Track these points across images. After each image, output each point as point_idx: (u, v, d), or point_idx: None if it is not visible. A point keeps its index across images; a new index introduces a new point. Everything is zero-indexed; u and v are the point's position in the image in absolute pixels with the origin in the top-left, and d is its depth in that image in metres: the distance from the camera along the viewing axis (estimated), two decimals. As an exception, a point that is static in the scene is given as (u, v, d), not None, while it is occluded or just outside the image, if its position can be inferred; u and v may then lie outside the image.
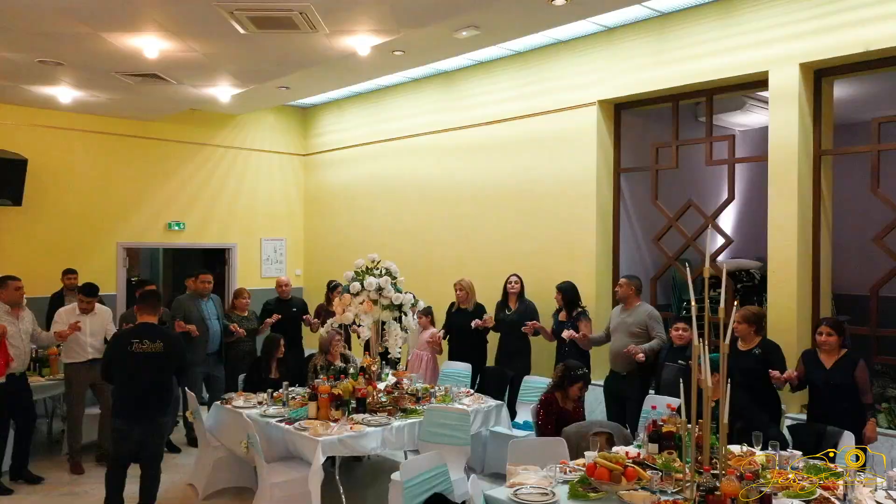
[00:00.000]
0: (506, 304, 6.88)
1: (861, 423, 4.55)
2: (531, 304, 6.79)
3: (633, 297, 5.97)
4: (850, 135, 7.22)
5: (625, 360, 5.76)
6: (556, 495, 3.51)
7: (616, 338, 5.94)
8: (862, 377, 4.62)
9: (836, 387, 4.64)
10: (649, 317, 5.85)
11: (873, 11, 5.23)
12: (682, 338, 5.45)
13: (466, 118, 8.25)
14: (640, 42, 6.62)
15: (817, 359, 4.79)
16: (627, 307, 5.99)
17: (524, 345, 6.75)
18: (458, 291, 7.02)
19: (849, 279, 8.02)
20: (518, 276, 6.87)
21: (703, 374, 3.51)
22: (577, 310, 6.37)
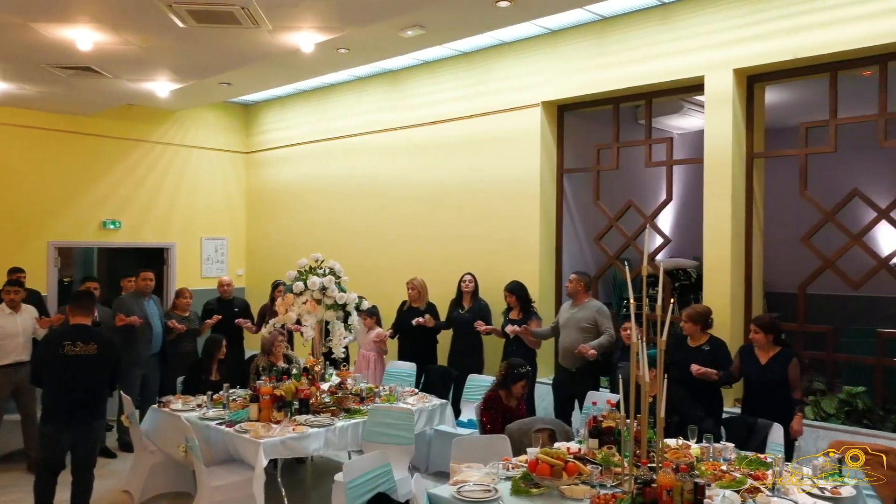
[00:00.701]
0: (459, 303, 6.92)
1: (790, 417, 4.72)
2: (484, 303, 6.85)
3: (582, 292, 6.08)
4: (781, 138, 7.51)
5: (575, 356, 5.87)
6: (498, 492, 3.54)
7: (565, 333, 6.03)
8: (794, 374, 4.80)
9: (769, 382, 4.81)
10: (599, 313, 5.96)
11: (801, 21, 5.46)
12: (629, 337, 5.55)
13: (412, 117, 8.24)
14: (583, 45, 6.74)
15: (753, 355, 4.96)
16: (577, 303, 6.09)
17: (477, 343, 6.81)
18: (411, 290, 7.02)
19: (779, 277, 8.35)
20: (472, 276, 6.93)
21: (640, 370, 3.60)
22: (529, 308, 6.44)
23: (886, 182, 7.25)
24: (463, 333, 6.78)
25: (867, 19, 5.16)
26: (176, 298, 7.15)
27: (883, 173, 7.75)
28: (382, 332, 7.00)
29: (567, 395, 6.03)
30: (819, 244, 5.80)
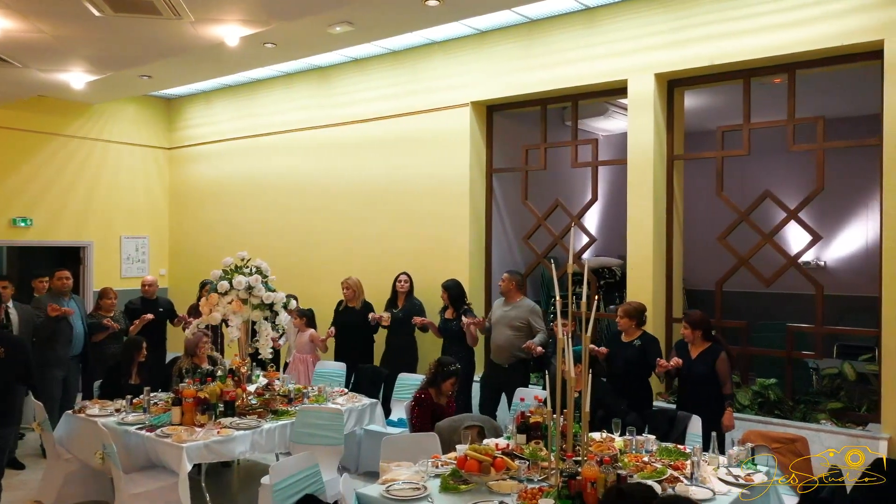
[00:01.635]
0: (394, 303, 6.90)
1: (721, 411, 4.87)
2: (418, 302, 6.86)
3: (514, 291, 6.16)
4: (699, 141, 7.82)
5: (507, 352, 5.96)
6: (427, 489, 3.55)
7: (497, 331, 6.10)
8: (722, 368, 4.94)
9: (698, 376, 4.97)
10: (531, 312, 6.06)
11: (718, 29, 5.69)
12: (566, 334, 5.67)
13: (342, 115, 8.16)
14: (511, 46, 6.83)
15: (686, 350, 5.12)
16: (509, 301, 6.17)
17: (411, 342, 6.81)
18: (346, 290, 6.96)
19: (698, 275, 8.69)
20: (408, 275, 6.92)
21: (566, 366, 3.68)
22: (463, 307, 6.47)
23: (795, 184, 7.63)
24: (397, 333, 6.77)
25: (777, 30, 5.43)
26: (100, 299, 6.82)
27: (792, 176, 8.17)
28: (317, 334, 6.89)
29: (496, 392, 6.10)
30: (734, 243, 6.07)
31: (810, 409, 5.50)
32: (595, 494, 3.10)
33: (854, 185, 8.33)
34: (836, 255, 9.21)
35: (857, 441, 4.93)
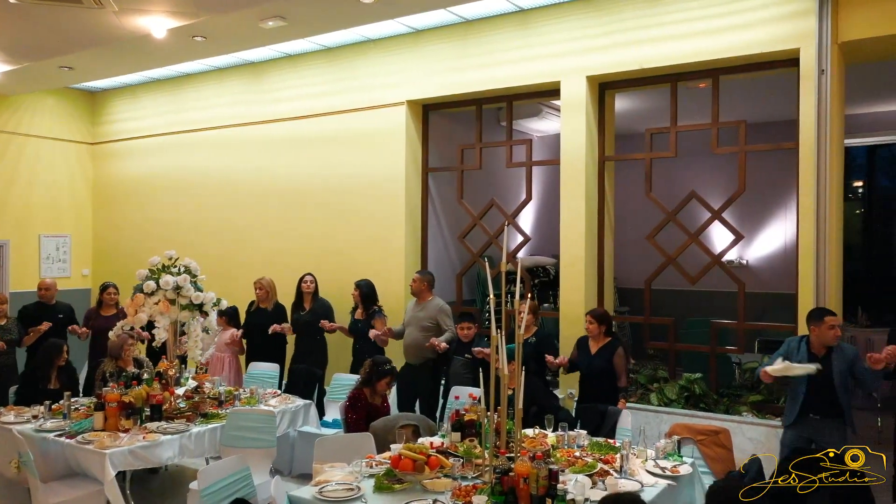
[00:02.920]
0: (300, 304, 6.84)
1: (615, 401, 5.10)
2: (325, 303, 6.80)
3: (425, 291, 6.22)
4: (629, 143, 8.02)
5: (417, 351, 6.00)
6: (361, 490, 3.53)
7: (410, 331, 6.17)
8: (619, 362, 5.18)
9: (597, 370, 5.17)
10: (440, 311, 6.13)
11: (647, 34, 5.85)
12: (467, 336, 5.78)
13: (274, 112, 8.01)
14: (447, 46, 6.85)
15: (586, 345, 5.30)
16: (420, 301, 6.22)
17: (320, 344, 6.77)
18: (258, 290, 6.85)
19: (628, 273, 8.93)
20: (312, 276, 6.85)
21: (500, 363, 3.71)
22: (372, 308, 6.47)
23: (719, 185, 7.92)
24: (305, 334, 6.71)
25: (702, 36, 5.62)
26: None
27: (716, 177, 8.47)
28: (236, 333, 6.75)
29: (410, 390, 6.14)
30: (662, 242, 6.25)
31: (733, 402, 5.72)
32: (527, 490, 3.14)
33: (774, 186, 8.72)
34: (757, 254, 9.61)
35: (776, 432, 5.14)
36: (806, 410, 4.43)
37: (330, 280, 7.01)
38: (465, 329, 5.81)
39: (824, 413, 4.39)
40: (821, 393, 4.38)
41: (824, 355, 4.40)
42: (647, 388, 6.04)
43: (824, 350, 4.41)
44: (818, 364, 4.28)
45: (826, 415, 4.39)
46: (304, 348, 6.71)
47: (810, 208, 5.26)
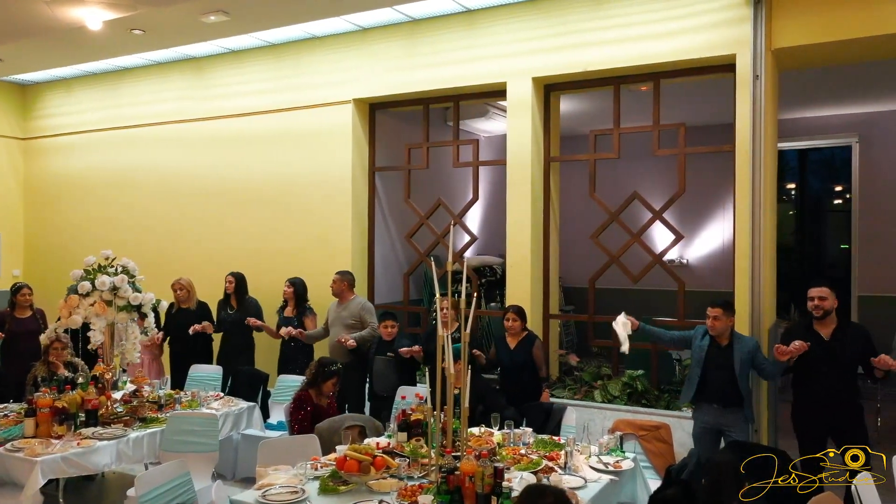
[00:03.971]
0: (228, 303, 6.76)
1: (539, 392, 5.29)
2: (253, 301, 6.73)
3: (346, 291, 6.27)
4: (574, 144, 8.14)
5: (339, 350, 6.00)
6: (306, 492, 3.48)
7: (333, 331, 6.20)
8: (538, 355, 5.38)
9: (517, 364, 5.33)
10: (362, 309, 6.18)
11: (591, 37, 5.95)
12: (390, 334, 5.82)
13: (217, 108, 7.85)
14: (393, 45, 6.82)
15: (505, 341, 5.44)
16: (342, 301, 6.25)
17: (248, 343, 6.70)
18: (178, 291, 6.72)
19: (573, 272, 9.07)
20: (234, 276, 6.75)
21: (446, 363, 3.71)
22: (304, 305, 6.46)
23: (661, 186, 8.11)
24: (233, 333, 6.65)
25: (644, 40, 5.75)
26: None
27: (658, 178, 8.67)
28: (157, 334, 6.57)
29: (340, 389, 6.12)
30: (606, 242, 6.36)
31: (674, 398, 5.86)
32: (473, 488, 3.15)
33: (713, 187, 8.98)
34: (697, 253, 9.89)
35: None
36: (708, 399, 4.67)
37: (277, 280, 6.87)
38: (389, 327, 5.85)
39: (725, 402, 4.61)
40: (721, 381, 4.61)
41: (727, 345, 4.63)
42: (591, 386, 6.14)
43: (726, 340, 4.63)
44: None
45: (727, 403, 4.61)
46: (232, 348, 6.65)
47: (746, 209, 5.43)
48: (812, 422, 4.58)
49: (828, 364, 4.43)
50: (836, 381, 4.45)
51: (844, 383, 4.48)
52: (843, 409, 4.48)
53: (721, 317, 4.66)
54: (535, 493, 2.63)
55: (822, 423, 4.54)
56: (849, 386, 4.50)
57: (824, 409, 4.50)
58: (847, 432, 4.46)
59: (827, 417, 4.50)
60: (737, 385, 4.58)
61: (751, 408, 4.70)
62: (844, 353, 4.45)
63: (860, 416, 4.56)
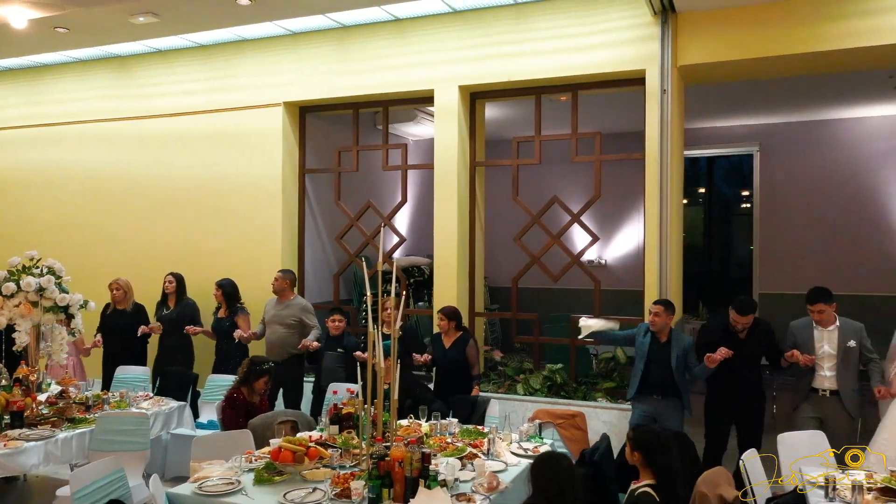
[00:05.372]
0: (165, 304, 6.79)
1: (470, 389, 5.56)
2: (191, 302, 6.78)
3: (287, 290, 6.39)
4: (498, 149, 8.47)
5: (281, 348, 6.14)
6: (241, 483, 3.61)
7: (272, 329, 6.31)
8: (472, 353, 5.64)
9: (451, 362, 5.59)
10: (303, 309, 6.32)
11: (514, 49, 6.27)
12: (337, 328, 5.98)
13: (144, 107, 7.79)
14: (324, 50, 6.97)
15: (441, 340, 5.70)
16: (282, 300, 6.37)
17: (185, 343, 6.74)
18: (116, 291, 6.68)
19: (498, 273, 9.41)
20: (174, 276, 6.78)
21: (377, 359, 3.92)
22: (236, 305, 6.54)
23: (579, 191, 8.52)
24: (170, 333, 6.67)
25: (563, 54, 6.11)
26: None
27: (576, 183, 9.10)
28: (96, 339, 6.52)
29: (275, 387, 6.22)
30: (528, 243, 6.70)
31: (590, 389, 6.25)
32: (402, 473, 3.37)
33: (629, 192, 9.49)
34: (614, 254, 10.41)
35: (625, 414, 5.69)
36: (649, 390, 5.06)
37: (206, 280, 6.89)
38: (336, 322, 5.99)
39: (664, 393, 5.03)
40: (661, 374, 5.01)
41: (666, 341, 5.02)
42: (514, 380, 6.47)
43: (666, 337, 5.03)
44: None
45: (665, 395, 5.03)
46: (170, 347, 6.65)
47: (654, 213, 5.87)
48: (722, 410, 5.07)
49: (741, 359, 4.90)
50: (746, 374, 4.95)
51: (753, 375, 5.01)
52: (749, 399, 4.99)
53: (662, 313, 5.06)
54: (548, 457, 3.10)
55: (731, 411, 5.05)
56: (756, 377, 5.03)
57: (734, 399, 4.98)
58: (748, 419, 4.99)
59: (735, 406, 5.00)
60: (673, 378, 4.98)
61: (688, 399, 5.10)
62: (755, 348, 4.94)
63: (762, 405, 5.09)
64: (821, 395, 4.87)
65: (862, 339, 4.87)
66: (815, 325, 4.93)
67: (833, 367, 4.85)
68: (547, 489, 3.01)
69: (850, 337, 4.85)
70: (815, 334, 4.91)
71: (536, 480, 3.07)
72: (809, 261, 9.08)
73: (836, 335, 4.87)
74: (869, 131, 8.90)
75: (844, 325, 4.90)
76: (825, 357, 4.87)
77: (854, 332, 4.87)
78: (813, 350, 4.88)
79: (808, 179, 9.30)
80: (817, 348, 4.89)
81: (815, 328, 4.92)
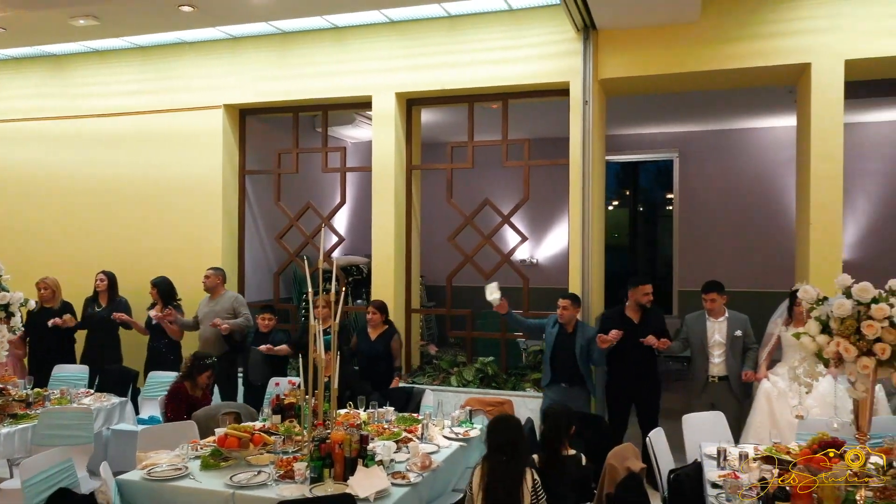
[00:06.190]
0: (96, 301, 6.88)
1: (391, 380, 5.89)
2: (123, 300, 6.89)
3: (219, 286, 6.62)
4: (434, 153, 8.82)
5: (215, 344, 6.33)
6: (189, 469, 3.82)
7: (204, 325, 6.50)
8: (395, 347, 5.97)
9: (375, 354, 5.90)
10: (235, 301, 6.57)
11: (448, 59, 6.62)
12: (267, 326, 6.23)
13: (80, 107, 7.79)
14: (265, 55, 7.15)
15: (367, 333, 6.01)
16: (214, 296, 6.59)
17: (114, 339, 6.85)
18: (43, 290, 6.74)
19: (434, 272, 9.75)
20: (105, 274, 6.87)
21: (317, 352, 4.18)
22: (172, 303, 6.70)
23: (509, 194, 8.91)
24: (100, 330, 6.77)
25: (494, 65, 6.49)
26: None
27: (506, 187, 9.50)
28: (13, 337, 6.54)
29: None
30: (462, 243, 7.06)
31: (519, 380, 6.64)
32: (342, 454, 3.66)
33: (558, 195, 9.93)
34: (546, 253, 10.91)
35: (551, 402, 6.10)
36: (557, 379, 5.52)
37: (147, 279, 6.98)
38: (266, 320, 6.23)
39: (570, 381, 5.49)
40: (566, 362, 5.46)
41: (572, 332, 5.48)
42: (448, 372, 6.81)
43: (572, 328, 5.50)
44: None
45: (572, 383, 5.49)
46: (98, 344, 6.75)
47: (577, 215, 6.31)
48: (621, 391, 5.57)
49: (636, 343, 5.38)
50: (641, 357, 5.44)
51: (647, 358, 5.50)
52: (645, 381, 5.49)
53: (569, 307, 5.50)
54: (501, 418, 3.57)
55: (629, 392, 5.56)
56: (651, 360, 5.52)
57: (632, 381, 5.48)
58: (646, 400, 5.51)
59: (633, 388, 5.50)
60: (577, 367, 5.42)
61: (592, 385, 5.58)
62: (648, 332, 5.43)
63: (658, 386, 5.61)
64: (711, 382, 5.44)
65: (747, 329, 5.47)
66: (707, 317, 5.49)
67: (722, 354, 5.43)
68: (501, 443, 3.46)
69: (737, 327, 5.44)
70: (707, 325, 5.49)
71: (492, 437, 3.52)
72: (722, 259, 9.77)
73: (725, 326, 5.46)
74: (774, 140, 9.66)
75: (732, 317, 5.50)
76: (715, 346, 5.46)
77: (741, 323, 5.48)
78: (706, 339, 5.43)
79: (722, 184, 10.00)
80: (709, 337, 5.46)
81: (707, 319, 5.50)
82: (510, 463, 3.40)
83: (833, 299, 3.29)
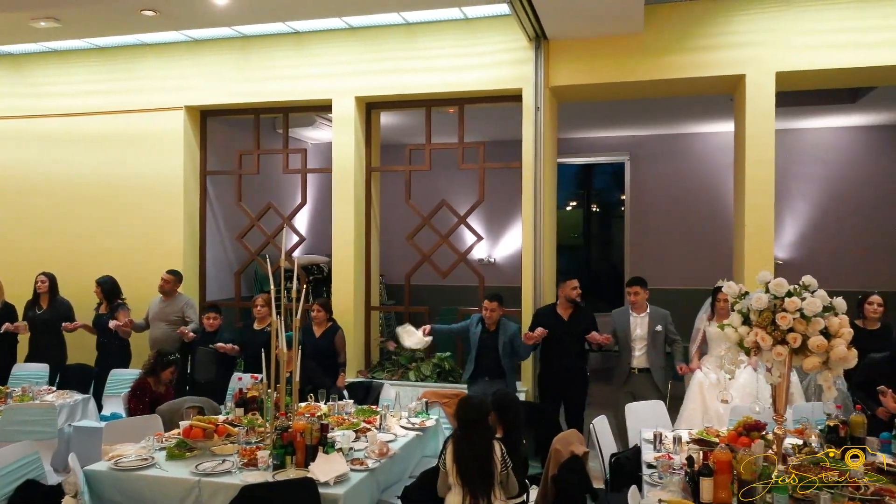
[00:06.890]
0: (37, 303, 6.93)
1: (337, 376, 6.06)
2: (65, 301, 6.95)
3: (175, 290, 6.80)
4: (393, 155, 9.04)
5: (166, 344, 6.42)
6: (155, 459, 3.98)
7: (156, 326, 6.67)
8: (339, 342, 6.16)
9: (320, 350, 6.06)
10: (186, 305, 6.76)
11: (406, 65, 6.85)
12: (212, 325, 6.42)
13: (39, 106, 7.81)
14: (226, 58, 7.28)
15: (311, 330, 6.18)
16: (167, 298, 6.75)
17: (59, 340, 6.90)
18: None
19: (393, 270, 9.97)
20: (46, 276, 6.92)
21: (280, 348, 4.37)
22: (116, 301, 6.80)
23: (465, 195, 9.16)
24: (44, 332, 6.82)
25: (450, 71, 6.75)
26: None
27: (463, 189, 9.73)
28: None
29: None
30: (420, 243, 7.30)
31: (474, 374, 6.90)
32: (303, 442, 3.86)
33: (513, 196, 10.24)
34: (503, 253, 11.21)
35: (505, 395, 6.38)
36: (481, 374, 5.80)
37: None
38: (211, 319, 6.40)
39: (492, 375, 5.77)
40: (490, 359, 5.75)
41: (494, 331, 5.80)
42: (406, 367, 7.04)
43: (494, 326, 5.80)
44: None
45: (494, 376, 5.76)
46: (43, 346, 6.79)
47: (530, 216, 6.61)
48: (551, 384, 5.91)
49: (566, 339, 5.72)
50: (571, 352, 5.78)
51: (577, 353, 5.85)
52: (573, 375, 5.81)
53: (497, 309, 5.78)
54: (466, 398, 3.90)
55: (558, 385, 5.87)
56: (580, 355, 5.85)
57: (560, 375, 5.80)
58: (573, 394, 5.86)
59: (562, 381, 5.84)
60: (500, 362, 5.72)
61: (513, 380, 5.89)
62: (577, 328, 5.76)
63: (585, 382, 5.95)
64: (632, 373, 5.79)
65: (668, 325, 5.84)
66: (630, 312, 5.83)
67: (643, 347, 5.79)
68: (468, 419, 3.77)
69: (657, 322, 5.80)
70: (631, 320, 5.85)
71: (460, 415, 3.82)
72: (670, 258, 10.20)
73: (646, 321, 5.82)
74: (718, 144, 10.11)
75: (653, 313, 5.86)
76: (637, 339, 5.82)
77: (661, 318, 5.84)
78: (629, 333, 5.79)
79: (670, 185, 10.43)
80: (632, 331, 5.81)
81: (631, 314, 5.85)
82: (478, 436, 3.72)
83: (753, 293, 3.62)
